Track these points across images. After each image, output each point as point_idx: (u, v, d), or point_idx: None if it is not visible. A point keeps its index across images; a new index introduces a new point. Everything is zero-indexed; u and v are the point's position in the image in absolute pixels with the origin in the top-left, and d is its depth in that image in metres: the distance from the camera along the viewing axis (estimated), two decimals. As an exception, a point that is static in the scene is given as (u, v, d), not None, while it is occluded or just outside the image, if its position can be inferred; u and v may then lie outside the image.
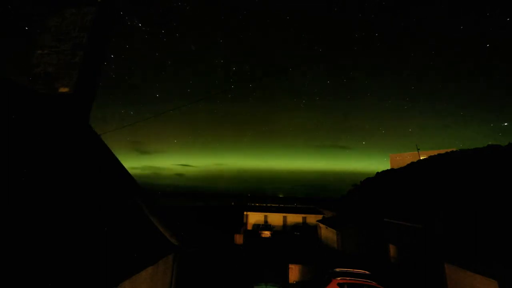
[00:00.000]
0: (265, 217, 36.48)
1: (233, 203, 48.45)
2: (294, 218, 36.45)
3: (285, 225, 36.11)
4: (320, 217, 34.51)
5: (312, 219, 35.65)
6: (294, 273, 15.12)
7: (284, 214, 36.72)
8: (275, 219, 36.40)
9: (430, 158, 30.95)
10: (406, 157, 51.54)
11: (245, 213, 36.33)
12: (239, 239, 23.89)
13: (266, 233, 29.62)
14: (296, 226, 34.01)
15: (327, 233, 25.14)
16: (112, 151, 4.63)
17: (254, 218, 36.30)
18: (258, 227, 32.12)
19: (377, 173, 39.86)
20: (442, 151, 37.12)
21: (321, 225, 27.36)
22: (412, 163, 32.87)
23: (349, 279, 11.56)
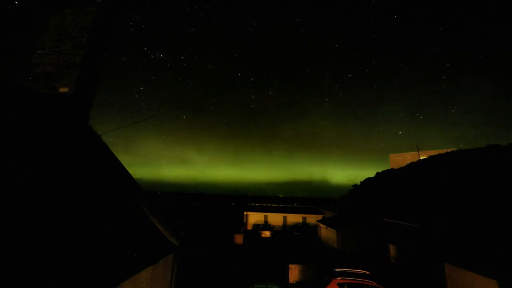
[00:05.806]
0: (265, 217, 36.47)
1: (233, 203, 48.42)
2: (294, 218, 36.45)
3: (285, 225, 36.10)
4: (320, 217, 34.49)
5: (312, 219, 35.64)
6: (294, 273, 15.11)
7: (284, 214, 36.70)
8: (275, 219, 36.40)
9: (430, 158, 30.93)
10: (406, 157, 51.53)
11: (245, 213, 36.31)
12: (239, 239, 23.90)
13: (266, 233, 29.61)
14: (296, 226, 34.00)
15: (327, 233, 25.14)
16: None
17: (254, 218, 36.29)
18: (258, 227, 32.12)
19: (377, 173, 39.83)
20: (442, 151, 37.07)
21: (321, 225, 27.36)
22: (412, 163, 32.83)
23: (349, 279, 11.56)
